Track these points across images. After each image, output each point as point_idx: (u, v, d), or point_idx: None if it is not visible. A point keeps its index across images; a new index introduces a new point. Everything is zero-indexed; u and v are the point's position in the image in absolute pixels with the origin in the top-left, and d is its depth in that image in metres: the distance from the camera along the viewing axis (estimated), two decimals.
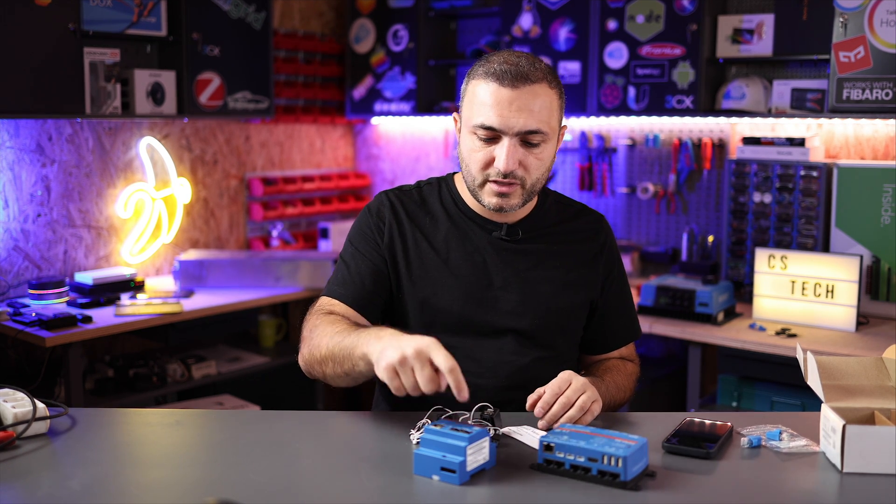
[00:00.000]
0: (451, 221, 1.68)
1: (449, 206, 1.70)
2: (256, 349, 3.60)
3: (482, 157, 1.57)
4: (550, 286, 1.66)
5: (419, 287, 1.64)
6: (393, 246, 1.66)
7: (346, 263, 1.67)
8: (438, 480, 1.27)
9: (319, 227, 3.91)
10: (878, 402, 1.40)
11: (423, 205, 1.70)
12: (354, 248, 1.68)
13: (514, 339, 1.64)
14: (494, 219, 1.66)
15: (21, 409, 1.43)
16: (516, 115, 1.53)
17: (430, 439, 1.29)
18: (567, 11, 3.33)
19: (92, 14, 2.90)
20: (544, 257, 1.67)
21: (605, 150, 3.53)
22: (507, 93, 1.53)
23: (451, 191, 1.72)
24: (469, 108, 1.58)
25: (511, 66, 1.53)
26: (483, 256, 1.65)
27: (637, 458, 1.27)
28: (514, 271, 1.65)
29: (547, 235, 1.69)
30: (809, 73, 3.05)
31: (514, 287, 1.64)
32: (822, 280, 2.79)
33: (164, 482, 1.30)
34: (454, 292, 1.63)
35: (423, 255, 1.65)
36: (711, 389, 3.19)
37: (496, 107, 1.53)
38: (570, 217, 1.74)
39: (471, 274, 1.64)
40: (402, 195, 1.72)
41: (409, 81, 3.81)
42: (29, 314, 2.74)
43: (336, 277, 1.67)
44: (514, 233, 1.66)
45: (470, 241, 1.66)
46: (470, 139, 1.58)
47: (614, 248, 1.77)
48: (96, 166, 3.28)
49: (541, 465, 1.32)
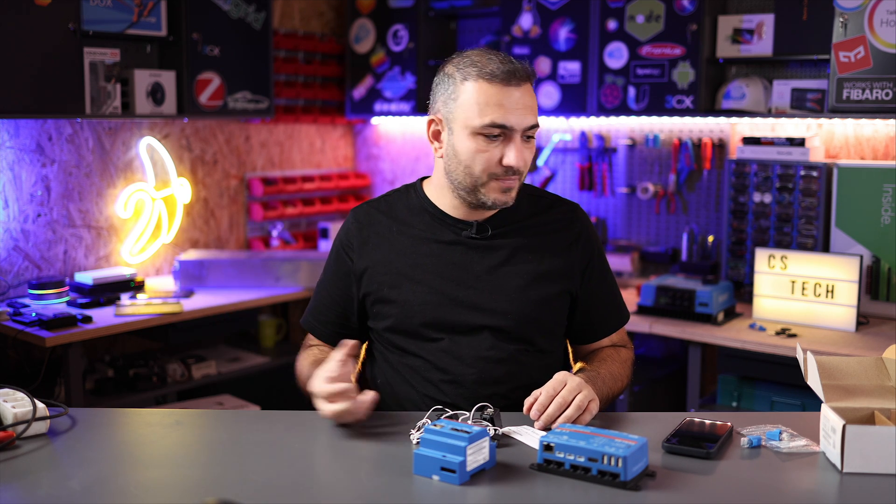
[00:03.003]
0: (421, 225, 1.71)
1: (418, 210, 1.73)
2: (256, 349, 3.60)
3: (489, 157, 1.59)
4: (522, 279, 1.67)
5: (393, 294, 1.67)
6: (362, 262, 1.72)
7: (320, 292, 1.81)
8: (438, 480, 1.27)
9: (319, 227, 3.91)
10: (878, 402, 1.40)
11: (391, 212, 1.75)
12: (326, 275, 1.80)
13: (491, 335, 1.65)
14: (465, 218, 1.69)
15: (21, 409, 1.44)
16: (523, 112, 1.59)
17: (430, 439, 1.29)
18: (567, 11, 3.33)
19: (92, 14, 2.90)
20: (516, 251, 1.69)
21: (605, 150, 3.53)
22: (514, 91, 1.58)
23: (419, 196, 1.75)
24: (469, 108, 1.59)
25: (510, 66, 1.58)
26: (454, 256, 1.68)
27: (637, 458, 1.27)
28: (485, 268, 1.67)
29: (519, 230, 1.71)
30: (809, 73, 3.05)
31: (487, 284, 1.67)
32: (822, 280, 2.79)
33: (164, 482, 1.30)
34: (427, 295, 1.66)
35: (392, 263, 1.69)
36: (711, 389, 3.19)
37: (505, 105, 1.57)
38: (542, 209, 1.76)
39: (443, 274, 1.67)
40: (369, 209, 1.77)
41: (409, 81, 3.81)
42: (29, 314, 2.74)
43: (312, 305, 1.82)
44: (483, 230, 1.69)
45: (440, 242, 1.69)
46: (472, 141, 1.60)
47: (592, 237, 1.77)
48: (96, 166, 3.28)
49: (541, 465, 1.32)
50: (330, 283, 1.77)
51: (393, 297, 1.67)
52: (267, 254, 3.49)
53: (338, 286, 1.75)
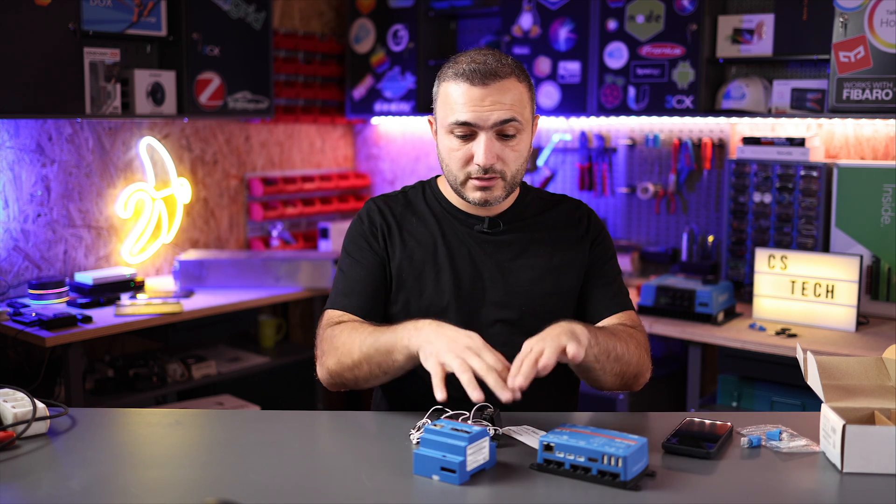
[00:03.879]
0: (435, 220, 1.73)
1: (433, 205, 1.76)
2: (256, 349, 3.60)
3: (461, 156, 1.61)
4: (533, 273, 1.69)
5: (410, 285, 1.69)
6: (387, 247, 1.72)
7: (345, 273, 1.72)
8: (438, 480, 1.27)
9: (319, 227, 3.91)
10: (878, 402, 1.40)
11: (409, 206, 1.76)
12: (350, 257, 1.74)
13: (503, 329, 1.66)
14: (477, 213, 1.71)
15: (21, 409, 1.43)
16: (490, 108, 1.58)
17: (430, 439, 1.29)
18: (567, 11, 3.33)
19: (92, 14, 2.90)
20: (527, 246, 1.71)
21: (605, 150, 3.53)
22: (478, 90, 1.57)
23: (433, 191, 1.78)
24: (443, 109, 1.63)
25: (479, 65, 1.58)
26: (467, 251, 1.70)
27: (637, 458, 1.27)
28: (496, 262, 1.69)
29: (529, 225, 1.73)
30: (809, 73, 3.05)
31: (499, 278, 1.68)
32: (822, 280, 2.79)
33: (164, 482, 1.30)
34: (442, 287, 1.68)
35: (412, 254, 1.71)
36: (711, 389, 3.19)
37: (469, 103, 1.58)
38: (551, 207, 1.78)
39: (456, 268, 1.69)
40: (388, 200, 1.78)
41: (409, 81, 3.81)
42: (29, 314, 2.74)
43: (337, 288, 1.72)
44: (495, 225, 1.71)
45: (454, 236, 1.71)
46: (448, 139, 1.63)
47: (600, 231, 1.77)
48: (96, 166, 3.28)
49: (541, 465, 1.32)
50: (359, 266, 1.70)
51: (413, 286, 1.69)
52: (267, 254, 3.49)
53: (368, 268, 1.70)
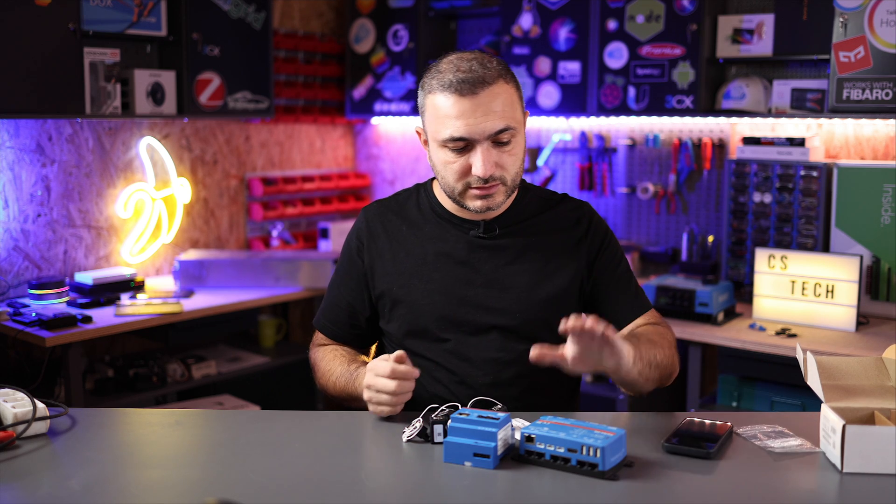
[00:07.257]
0: (428, 225, 1.71)
1: (426, 210, 1.73)
2: (256, 349, 3.60)
3: (458, 168, 1.58)
4: (529, 278, 1.66)
5: (402, 294, 1.68)
6: (373, 263, 1.73)
7: (331, 290, 1.81)
8: (471, 466, 1.32)
9: (319, 227, 3.91)
10: (878, 402, 1.40)
11: (401, 212, 1.75)
12: (337, 273, 1.81)
13: (499, 335, 1.65)
14: (471, 218, 1.68)
15: (21, 409, 1.44)
16: (483, 120, 1.54)
17: (460, 427, 1.33)
18: (567, 11, 3.33)
19: (92, 14, 2.90)
20: (522, 250, 1.68)
21: (605, 150, 3.53)
22: (468, 102, 1.54)
23: (428, 195, 1.75)
24: (433, 122, 1.59)
25: (466, 74, 1.54)
26: (461, 256, 1.68)
27: (615, 449, 1.30)
28: (492, 268, 1.67)
29: (525, 228, 1.70)
30: (809, 73, 3.05)
31: (494, 283, 1.66)
32: (822, 280, 2.79)
33: (164, 482, 1.30)
34: (435, 295, 1.66)
35: (401, 264, 1.69)
36: (711, 389, 3.20)
37: (461, 117, 1.54)
38: (550, 207, 1.74)
39: (450, 275, 1.67)
40: (379, 207, 1.78)
41: (409, 81, 3.81)
42: (29, 314, 2.74)
43: (325, 305, 1.82)
44: (490, 229, 1.68)
45: (448, 242, 1.69)
46: (442, 152, 1.60)
47: (602, 232, 1.74)
48: (96, 166, 3.28)
49: (521, 456, 1.34)
50: (342, 284, 1.78)
51: (402, 297, 1.68)
52: (267, 254, 3.49)
53: (349, 287, 1.76)
